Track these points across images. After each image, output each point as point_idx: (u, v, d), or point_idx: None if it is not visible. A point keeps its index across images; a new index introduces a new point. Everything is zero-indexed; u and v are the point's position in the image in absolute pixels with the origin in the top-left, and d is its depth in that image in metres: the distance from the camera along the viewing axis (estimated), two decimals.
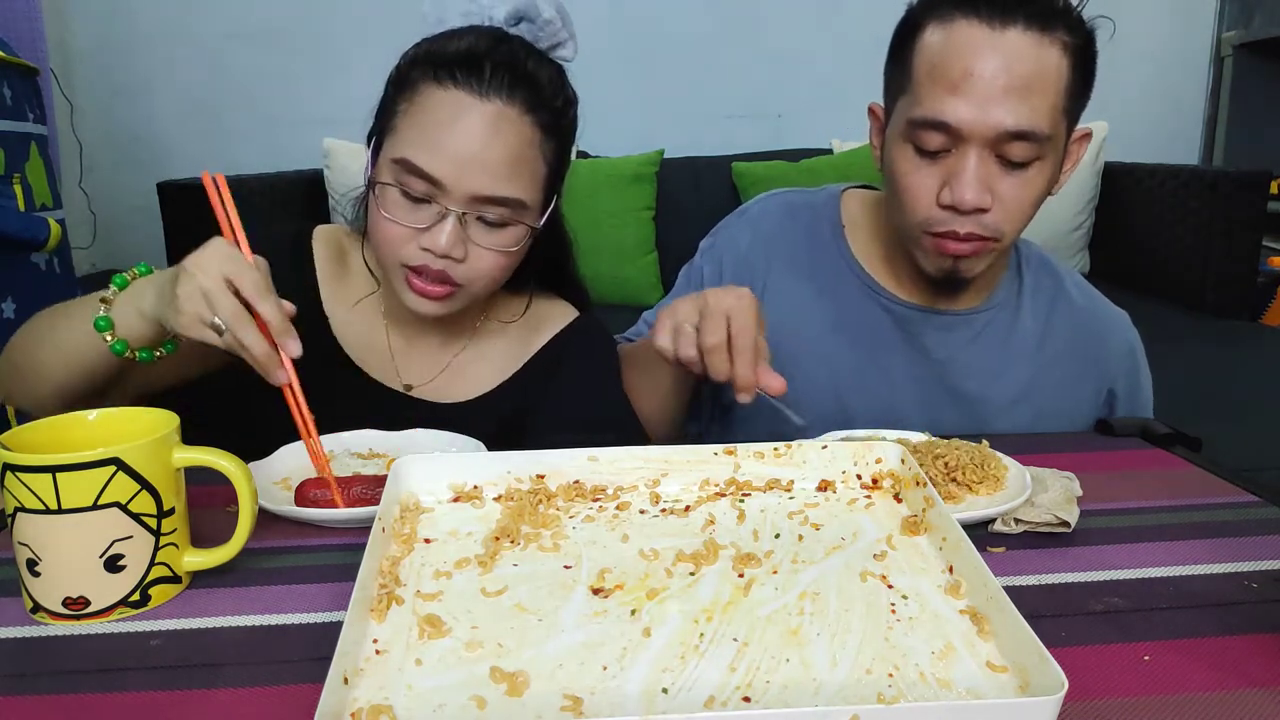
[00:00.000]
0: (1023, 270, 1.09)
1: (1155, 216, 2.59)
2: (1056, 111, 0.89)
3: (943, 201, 0.91)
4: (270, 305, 0.70)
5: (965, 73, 0.87)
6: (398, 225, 0.85)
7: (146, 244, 2.73)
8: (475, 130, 0.84)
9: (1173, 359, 1.09)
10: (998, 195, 0.90)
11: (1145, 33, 3.07)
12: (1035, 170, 0.90)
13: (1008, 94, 0.86)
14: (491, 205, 0.86)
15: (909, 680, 0.47)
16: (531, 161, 0.88)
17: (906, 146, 0.93)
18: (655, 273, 2.66)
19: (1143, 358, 1.11)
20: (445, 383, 0.99)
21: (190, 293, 0.69)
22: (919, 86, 0.91)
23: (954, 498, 0.72)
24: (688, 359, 0.81)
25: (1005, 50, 0.87)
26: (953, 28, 0.89)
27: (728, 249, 1.11)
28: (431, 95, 0.85)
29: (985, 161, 0.89)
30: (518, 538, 0.62)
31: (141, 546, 0.57)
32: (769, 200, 1.15)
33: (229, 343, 0.70)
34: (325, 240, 1.01)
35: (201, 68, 2.90)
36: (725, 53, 3.00)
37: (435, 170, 0.83)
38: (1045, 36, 0.87)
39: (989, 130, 0.87)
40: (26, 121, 1.75)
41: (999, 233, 0.91)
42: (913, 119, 0.91)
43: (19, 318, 1.65)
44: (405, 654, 0.49)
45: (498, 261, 0.88)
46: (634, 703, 0.46)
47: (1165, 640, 0.54)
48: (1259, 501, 0.74)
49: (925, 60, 0.91)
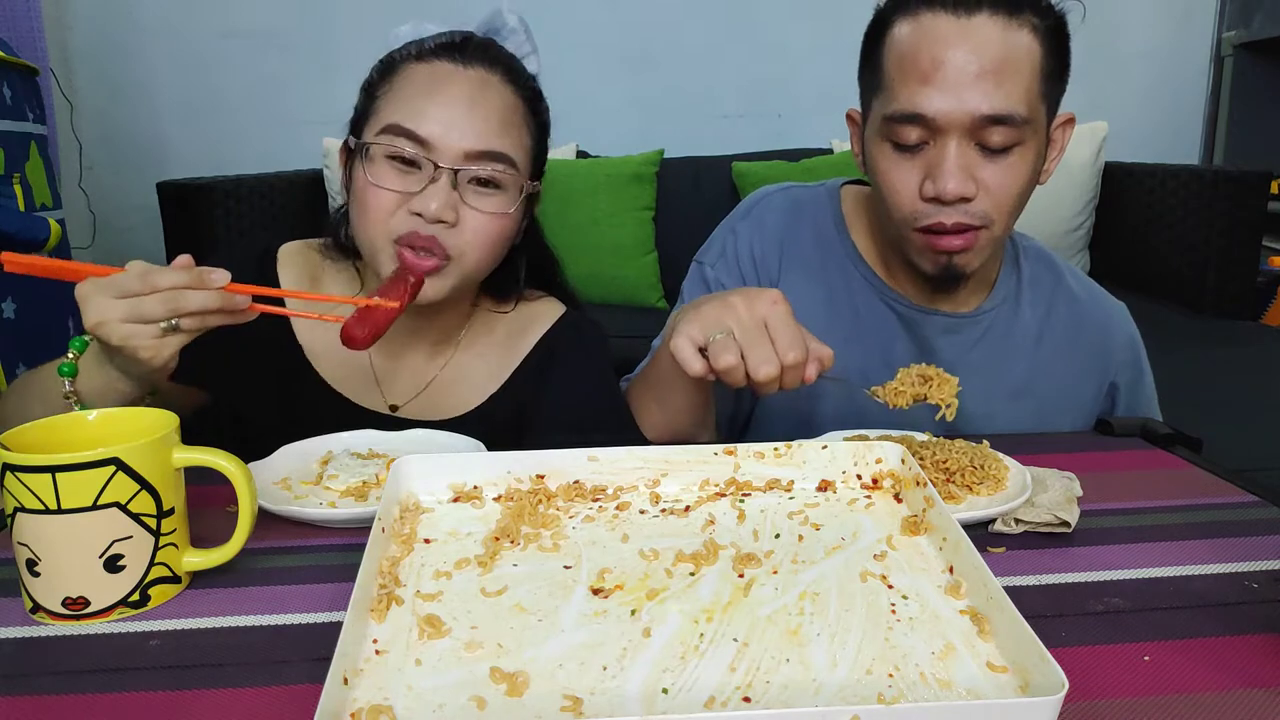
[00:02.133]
0: (1020, 262, 1.08)
1: (1155, 216, 2.59)
2: (1032, 95, 0.88)
3: (926, 194, 0.90)
4: (166, 277, 0.68)
5: (935, 63, 0.87)
6: (387, 192, 0.83)
7: (146, 244, 2.73)
8: (461, 92, 0.85)
9: (1173, 359, 1.09)
10: (981, 183, 0.89)
11: (1145, 33, 3.07)
12: (1017, 155, 0.90)
13: (980, 79, 0.86)
14: (483, 161, 0.85)
15: (909, 680, 0.47)
16: (518, 125, 0.88)
17: (885, 144, 0.93)
18: (655, 273, 2.66)
19: (1143, 351, 1.11)
20: (432, 400, 0.96)
21: (125, 335, 0.68)
22: (891, 82, 0.91)
23: (954, 498, 0.72)
24: (727, 367, 0.74)
25: (973, 36, 0.86)
26: (919, 20, 0.89)
27: (743, 253, 1.08)
28: (414, 70, 0.86)
29: (965, 150, 0.89)
30: (518, 538, 0.62)
31: (141, 546, 0.57)
32: (771, 198, 1.13)
33: (190, 325, 0.69)
34: (292, 260, 0.97)
35: (201, 68, 2.90)
36: (725, 53, 3.00)
37: (424, 129, 0.83)
38: (1013, 20, 0.87)
39: (964, 117, 0.87)
40: (26, 121, 1.75)
41: (987, 219, 0.91)
42: (888, 115, 0.90)
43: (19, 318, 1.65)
44: (405, 654, 0.49)
45: (490, 227, 0.86)
46: (634, 703, 0.46)
47: (1165, 640, 0.54)
48: (1259, 501, 0.74)
49: (895, 56, 0.91)
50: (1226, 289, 2.42)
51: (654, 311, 2.57)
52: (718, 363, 0.74)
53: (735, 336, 0.75)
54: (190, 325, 0.69)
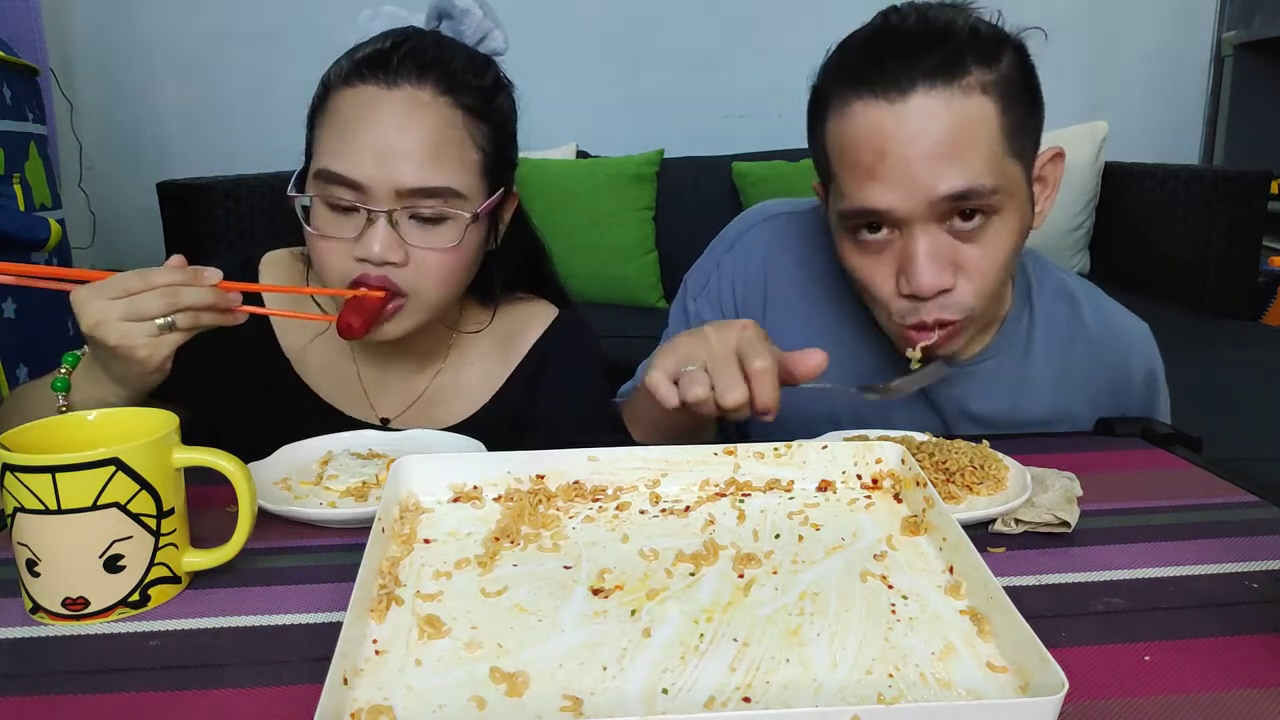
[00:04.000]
0: (1034, 301, 1.00)
1: (1155, 216, 2.59)
2: (997, 158, 0.80)
3: (903, 291, 0.84)
4: (162, 274, 0.70)
5: (878, 155, 0.80)
6: (330, 240, 0.81)
7: (146, 244, 2.73)
8: (386, 121, 0.80)
9: (1173, 359, 1.08)
10: (960, 267, 0.83)
11: (1145, 33, 3.07)
12: (996, 226, 0.82)
13: (931, 162, 0.78)
14: (419, 198, 0.81)
15: (909, 681, 0.47)
16: (457, 144, 0.83)
17: (849, 238, 0.86)
18: (655, 273, 2.66)
19: (1162, 381, 1.05)
20: (425, 410, 0.95)
21: (122, 334, 0.68)
22: (839, 179, 0.84)
23: (954, 498, 0.72)
24: (696, 400, 0.72)
25: (911, 121, 0.78)
26: (850, 112, 0.82)
27: (724, 290, 1.05)
28: (343, 98, 0.83)
29: (935, 237, 0.81)
30: (517, 538, 0.62)
31: (141, 547, 0.57)
32: (757, 230, 1.07)
33: (185, 323, 0.70)
34: (275, 268, 0.95)
35: (201, 68, 2.90)
36: (725, 53, 3.00)
37: (353, 172, 0.80)
38: (954, 86, 0.79)
39: (923, 204, 0.79)
40: (26, 121, 1.76)
41: (968, 310, 0.84)
42: (842, 212, 0.84)
43: (19, 318, 1.65)
44: (405, 654, 0.49)
45: (442, 261, 0.83)
46: (634, 703, 0.46)
47: (1165, 640, 0.54)
48: (1259, 501, 0.74)
49: (836, 152, 0.84)
50: (1226, 289, 2.42)
51: (654, 311, 2.57)
52: (686, 395, 0.72)
53: (706, 367, 0.73)
54: (185, 322, 0.70)
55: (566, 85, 2.82)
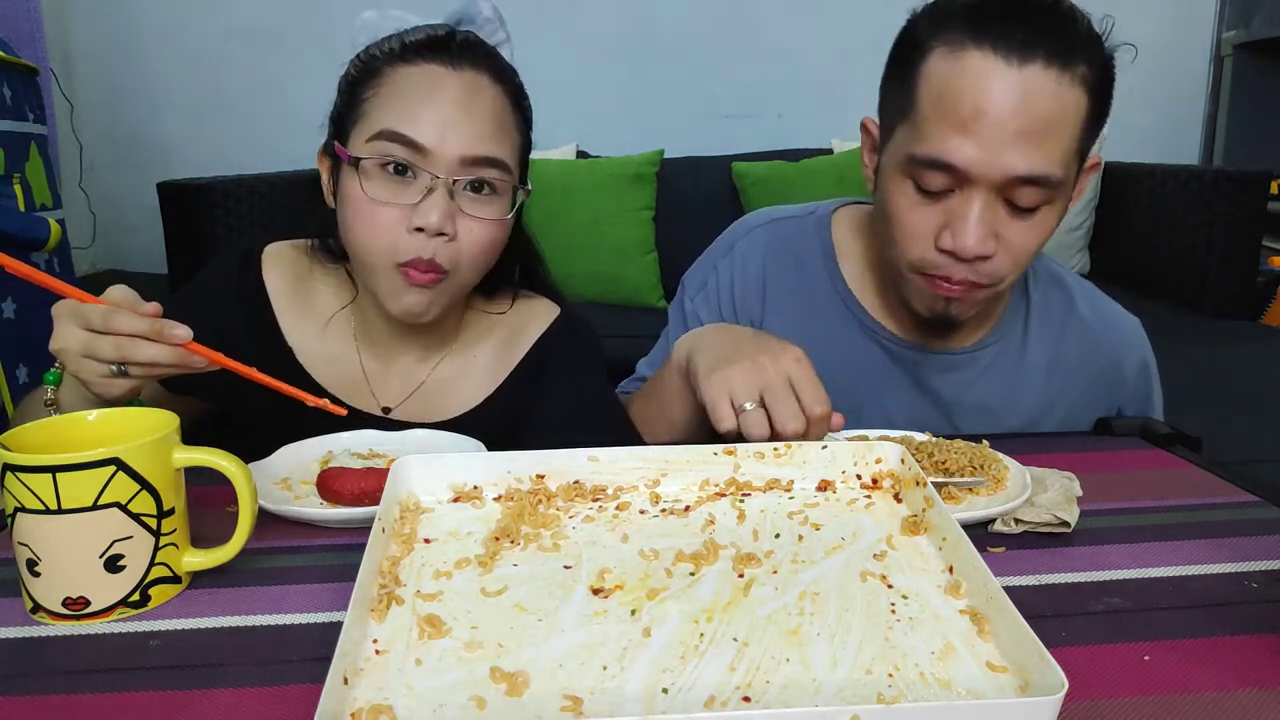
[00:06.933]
0: (1030, 289, 1.03)
1: (1155, 216, 2.59)
2: (1070, 153, 0.82)
3: (942, 245, 0.84)
4: (125, 321, 0.66)
5: (976, 111, 0.79)
6: (385, 208, 0.81)
7: (146, 244, 2.73)
8: (453, 95, 0.83)
9: (1173, 359, 1.08)
10: (1002, 241, 0.84)
11: (1145, 33, 3.05)
12: (1044, 214, 0.84)
13: (1022, 137, 0.79)
14: (480, 167, 0.83)
15: (909, 680, 0.47)
16: (510, 129, 0.87)
17: (906, 182, 0.86)
18: (655, 273, 2.66)
19: (1154, 371, 1.06)
20: (426, 401, 0.95)
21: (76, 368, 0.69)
22: (923, 119, 0.83)
23: (954, 498, 0.72)
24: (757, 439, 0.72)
25: (1023, 89, 0.79)
26: (964, 58, 0.80)
27: (723, 292, 1.05)
28: (403, 74, 0.84)
29: (991, 206, 0.82)
30: (518, 538, 0.62)
31: (141, 546, 0.57)
32: (754, 234, 1.07)
33: (137, 374, 0.69)
34: (277, 261, 0.96)
35: (202, 68, 2.90)
36: (725, 53, 3.00)
37: (420, 135, 0.81)
38: (1065, 73, 0.80)
39: (998, 175, 0.80)
40: (26, 121, 1.75)
41: (998, 279, 0.86)
42: (915, 155, 0.83)
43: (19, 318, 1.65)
44: (405, 654, 0.49)
45: (486, 236, 0.85)
46: (634, 703, 0.46)
47: (1165, 640, 0.54)
48: (1259, 501, 0.74)
49: (931, 90, 0.83)
50: (1226, 289, 2.42)
51: (654, 311, 2.57)
52: (748, 434, 0.73)
53: (764, 400, 0.74)
54: (138, 374, 0.69)
55: (567, 85, 2.82)
